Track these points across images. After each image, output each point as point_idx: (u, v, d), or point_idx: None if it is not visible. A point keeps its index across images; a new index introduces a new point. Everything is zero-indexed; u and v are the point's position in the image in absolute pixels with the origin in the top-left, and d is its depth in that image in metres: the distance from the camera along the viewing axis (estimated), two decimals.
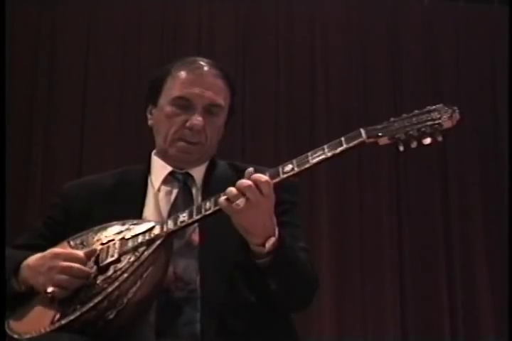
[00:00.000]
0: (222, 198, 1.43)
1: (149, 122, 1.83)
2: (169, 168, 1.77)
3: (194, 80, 1.74)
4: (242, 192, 1.41)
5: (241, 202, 1.41)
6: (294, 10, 4.41)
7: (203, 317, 1.53)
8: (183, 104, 1.73)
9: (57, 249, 1.56)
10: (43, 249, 1.58)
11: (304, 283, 1.61)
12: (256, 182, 1.42)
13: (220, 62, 1.85)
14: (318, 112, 4.28)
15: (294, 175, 1.46)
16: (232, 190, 1.43)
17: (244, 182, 1.43)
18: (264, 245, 1.46)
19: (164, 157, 1.79)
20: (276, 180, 1.45)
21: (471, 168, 4.36)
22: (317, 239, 3.94)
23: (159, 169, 1.78)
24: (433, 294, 4.12)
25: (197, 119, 1.71)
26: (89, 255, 1.54)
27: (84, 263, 1.52)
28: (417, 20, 4.55)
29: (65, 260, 1.50)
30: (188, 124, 1.71)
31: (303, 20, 4.41)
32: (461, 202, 4.31)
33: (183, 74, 1.75)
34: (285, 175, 1.46)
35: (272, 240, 1.46)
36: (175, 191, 1.73)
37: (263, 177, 1.43)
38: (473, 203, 4.31)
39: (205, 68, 1.77)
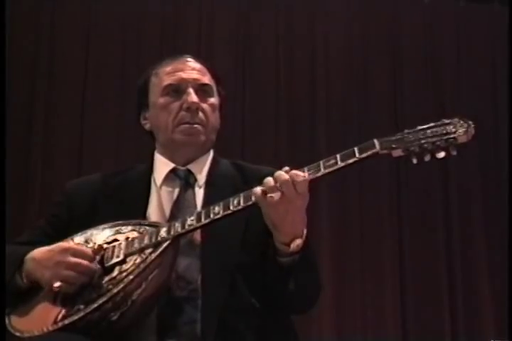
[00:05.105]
0: (259, 188, 1.43)
1: (147, 126, 1.84)
2: (171, 165, 1.77)
3: (177, 67, 1.78)
4: (279, 186, 1.41)
5: (276, 195, 1.40)
6: (294, 10, 4.41)
7: (203, 316, 1.53)
8: (174, 90, 1.76)
9: (65, 244, 1.55)
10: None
11: (316, 285, 1.63)
12: (293, 178, 1.41)
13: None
14: (319, 112, 4.28)
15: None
16: (270, 181, 1.42)
17: (283, 175, 1.42)
18: (289, 245, 1.46)
19: (170, 149, 1.78)
20: None
21: (471, 168, 4.35)
22: (317, 239, 3.93)
23: (161, 166, 1.78)
24: (433, 294, 4.12)
25: (191, 98, 1.74)
26: (96, 252, 1.53)
27: (92, 260, 1.51)
28: (417, 20, 4.54)
29: (74, 256, 1.49)
30: (184, 106, 1.74)
31: (303, 20, 4.40)
32: (462, 202, 4.30)
33: (166, 67, 1.80)
34: None
35: (298, 242, 1.46)
36: (177, 189, 1.73)
37: (301, 174, 1.42)
38: (473, 203, 4.31)
39: (187, 58, 1.82)
